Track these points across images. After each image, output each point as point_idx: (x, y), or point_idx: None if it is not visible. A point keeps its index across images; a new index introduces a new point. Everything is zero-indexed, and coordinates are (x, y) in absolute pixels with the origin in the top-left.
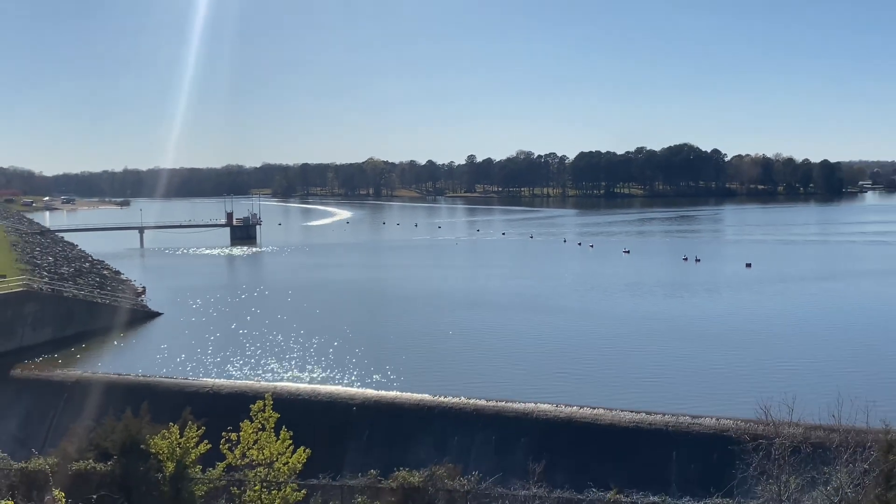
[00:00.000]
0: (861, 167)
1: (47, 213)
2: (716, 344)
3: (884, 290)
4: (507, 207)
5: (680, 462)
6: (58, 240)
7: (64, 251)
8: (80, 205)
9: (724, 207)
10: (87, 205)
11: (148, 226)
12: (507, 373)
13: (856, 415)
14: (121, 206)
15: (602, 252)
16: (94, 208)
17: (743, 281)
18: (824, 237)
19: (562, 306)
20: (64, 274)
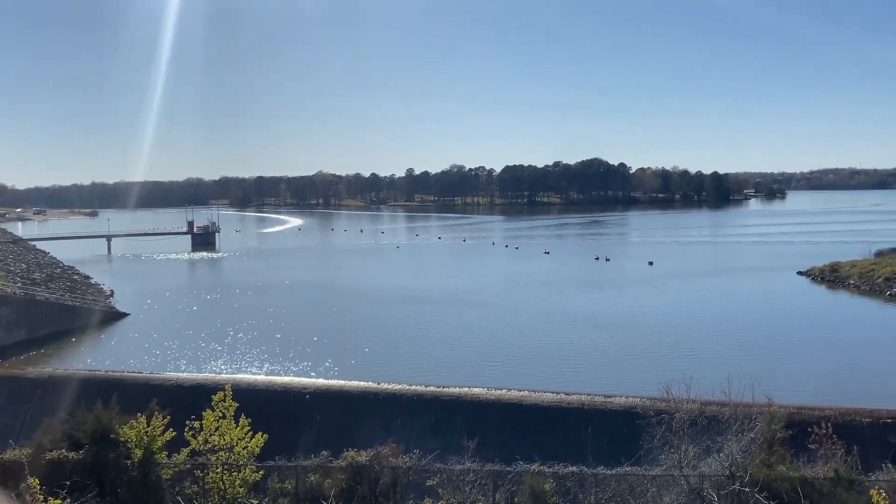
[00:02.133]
0: (746, 177)
1: (20, 223)
2: (624, 332)
3: (763, 284)
4: (443, 215)
5: (594, 436)
6: (30, 248)
7: (36, 258)
8: (51, 215)
9: (630, 213)
10: (57, 215)
11: (115, 234)
12: (443, 361)
13: (743, 391)
14: (90, 216)
15: (526, 253)
16: (64, 219)
17: (646, 277)
18: (714, 239)
19: (491, 301)
20: (36, 279)
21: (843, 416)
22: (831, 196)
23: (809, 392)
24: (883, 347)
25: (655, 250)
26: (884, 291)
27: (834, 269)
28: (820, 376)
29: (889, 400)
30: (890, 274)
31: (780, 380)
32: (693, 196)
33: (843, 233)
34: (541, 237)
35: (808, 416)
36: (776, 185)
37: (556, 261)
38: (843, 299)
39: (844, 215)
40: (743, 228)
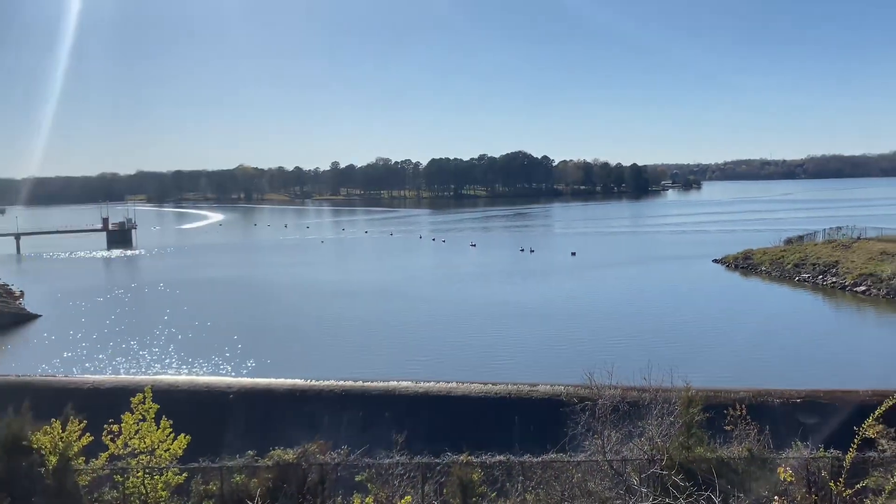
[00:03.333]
0: (663, 169)
1: None
2: (549, 322)
3: (681, 271)
4: (369, 208)
5: (521, 424)
6: None
7: None
8: None
9: (553, 205)
10: None
11: (24, 232)
12: (371, 355)
13: (662, 376)
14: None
15: (453, 246)
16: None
17: (570, 267)
18: (634, 229)
19: (418, 294)
20: None
21: (757, 397)
22: (744, 186)
23: (725, 375)
24: (792, 330)
25: (578, 241)
26: (793, 277)
27: (747, 256)
28: (735, 359)
29: (798, 380)
30: (798, 260)
31: (698, 364)
32: (613, 188)
33: (755, 221)
34: (467, 230)
35: (723, 398)
36: (692, 176)
37: (483, 253)
38: (756, 285)
39: (756, 205)
40: (661, 218)
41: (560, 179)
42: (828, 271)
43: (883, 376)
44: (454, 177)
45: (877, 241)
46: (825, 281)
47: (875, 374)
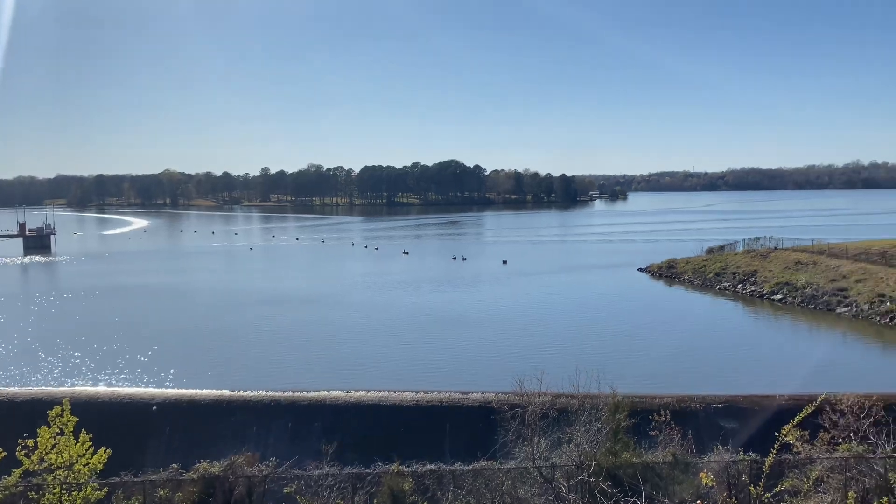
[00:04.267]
0: (591, 180)
1: None
2: (480, 329)
3: (607, 280)
4: (300, 215)
5: (452, 433)
6: None
7: None
8: None
9: (485, 214)
10: None
11: None
12: (301, 365)
13: (590, 383)
14: None
15: (385, 253)
16: None
17: (501, 275)
18: (563, 238)
19: (350, 302)
20: None
21: (680, 402)
22: (668, 197)
23: (650, 381)
24: (714, 337)
25: (509, 249)
26: (714, 286)
27: (671, 265)
28: (660, 366)
29: (720, 386)
30: (719, 269)
31: (625, 370)
32: (543, 197)
33: (678, 231)
34: (400, 237)
35: (649, 404)
36: (619, 186)
37: (415, 261)
38: (679, 293)
39: (680, 215)
40: (589, 228)
41: (492, 188)
42: (747, 280)
43: (799, 382)
44: (387, 184)
45: (792, 252)
46: (744, 289)
47: (791, 379)
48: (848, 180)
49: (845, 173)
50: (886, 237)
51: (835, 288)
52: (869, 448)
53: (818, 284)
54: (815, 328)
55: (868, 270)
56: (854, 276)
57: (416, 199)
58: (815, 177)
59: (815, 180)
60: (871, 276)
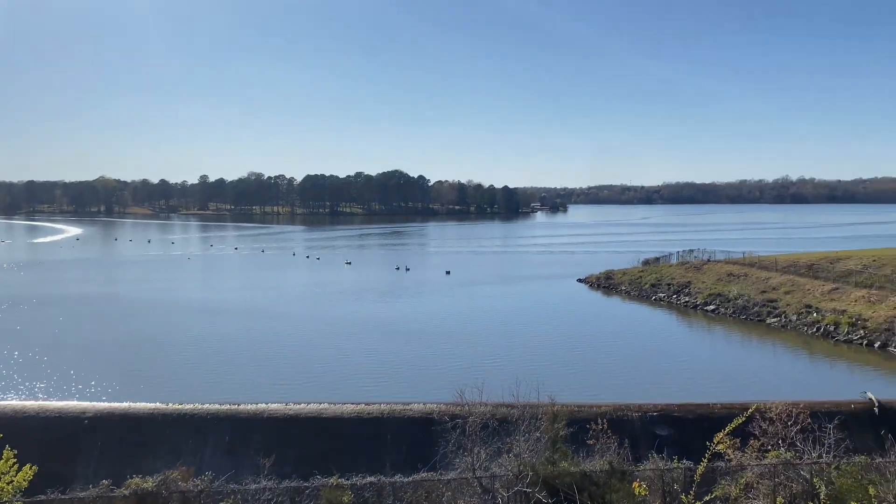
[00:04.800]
0: (533, 192)
1: None
2: (422, 340)
3: (548, 290)
4: (240, 224)
5: (394, 444)
6: None
7: None
8: None
9: (429, 224)
10: None
11: None
12: (240, 377)
13: (530, 392)
14: None
15: (327, 264)
16: None
17: (444, 286)
18: (505, 248)
19: (291, 313)
20: None
21: (617, 411)
22: (607, 210)
23: (589, 390)
24: (650, 347)
25: (452, 260)
26: (650, 296)
27: (608, 276)
28: (598, 375)
29: (656, 394)
30: (655, 281)
31: (564, 380)
32: (487, 208)
33: (616, 243)
34: (343, 248)
35: (587, 413)
36: (559, 199)
37: (358, 271)
38: (616, 304)
39: (617, 227)
40: (531, 239)
41: (436, 199)
42: (681, 291)
43: (732, 391)
44: (330, 193)
45: (724, 264)
46: (679, 300)
47: (724, 388)
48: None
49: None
50: (813, 250)
51: (765, 299)
52: (796, 454)
53: (749, 296)
54: (747, 338)
55: (796, 282)
56: (783, 288)
57: (359, 208)
58: (747, 191)
59: (747, 195)
60: (799, 287)
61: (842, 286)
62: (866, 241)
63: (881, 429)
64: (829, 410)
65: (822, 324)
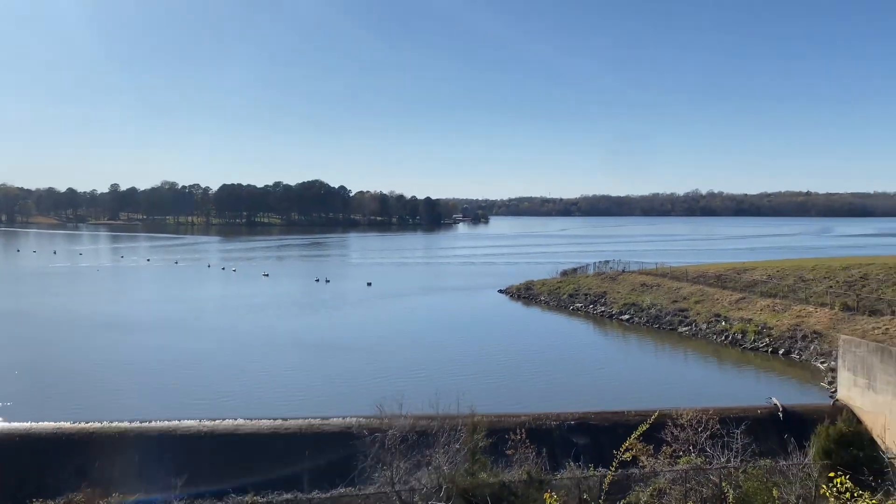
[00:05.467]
0: (454, 203)
1: None
2: (342, 353)
3: (469, 301)
4: (153, 234)
5: (312, 460)
6: None
7: None
8: None
9: (350, 235)
10: None
11: None
12: (150, 393)
13: (450, 404)
14: None
15: (244, 275)
16: None
17: (365, 298)
18: (427, 260)
19: (205, 326)
20: None
21: (536, 420)
22: (527, 221)
23: (509, 401)
24: (569, 356)
25: (374, 271)
26: (568, 306)
27: (528, 287)
28: (518, 385)
29: (573, 403)
30: (572, 291)
31: (484, 391)
32: (409, 219)
33: (536, 254)
34: (260, 259)
35: (506, 423)
36: (481, 210)
37: (276, 283)
38: (536, 314)
39: (537, 239)
40: (452, 250)
41: (357, 209)
42: (598, 301)
43: (645, 398)
44: (247, 204)
45: (638, 274)
46: (595, 310)
47: (640, 396)
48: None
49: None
50: (721, 261)
51: (676, 308)
52: (706, 460)
53: (662, 305)
54: (660, 347)
55: (705, 292)
56: (693, 298)
57: (277, 219)
58: (660, 204)
59: (660, 207)
60: (708, 297)
61: (748, 296)
62: (770, 253)
63: (785, 433)
64: (737, 416)
65: (730, 332)
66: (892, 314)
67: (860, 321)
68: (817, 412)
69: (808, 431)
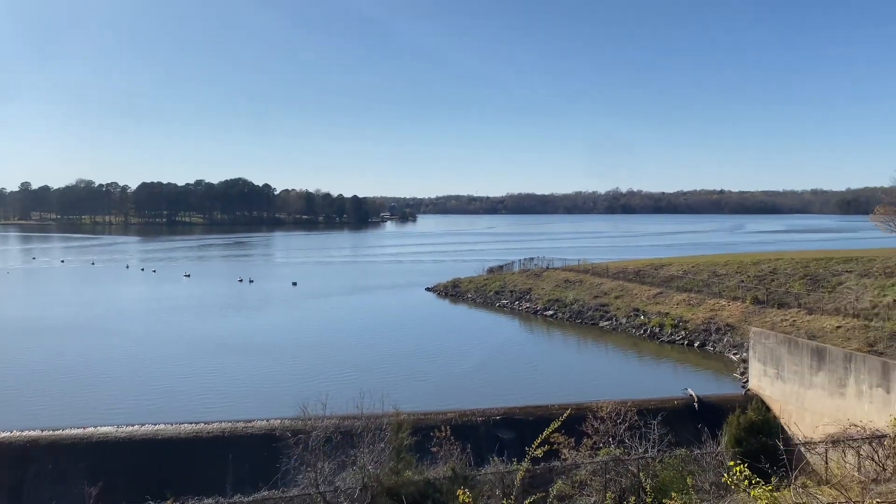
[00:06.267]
0: (382, 201)
1: None
2: (266, 354)
3: (396, 300)
4: (67, 235)
5: (235, 463)
6: None
7: None
8: None
9: (275, 234)
10: None
11: None
12: (64, 400)
13: (374, 404)
14: None
15: (164, 276)
16: None
17: (289, 297)
18: (355, 258)
19: (121, 330)
20: None
21: (462, 417)
22: (454, 219)
23: (435, 398)
24: (495, 352)
25: (299, 270)
26: (494, 303)
27: (455, 284)
28: (445, 382)
29: (499, 399)
30: (498, 288)
31: (410, 389)
32: (335, 218)
33: (463, 252)
34: (182, 259)
35: (432, 420)
36: (408, 208)
37: (198, 284)
38: (463, 311)
39: (464, 236)
40: (380, 248)
41: (282, 208)
42: (523, 297)
43: (568, 391)
44: (167, 202)
45: (562, 271)
46: (521, 306)
47: (563, 389)
48: (609, 206)
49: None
50: (640, 257)
51: (598, 304)
52: (625, 451)
53: (584, 301)
54: (583, 341)
55: (625, 287)
56: (614, 293)
57: (200, 218)
58: (582, 202)
59: (582, 205)
60: (628, 292)
61: (665, 290)
62: (686, 249)
63: (699, 423)
64: (655, 408)
65: (648, 326)
66: (800, 307)
67: (770, 314)
68: (730, 402)
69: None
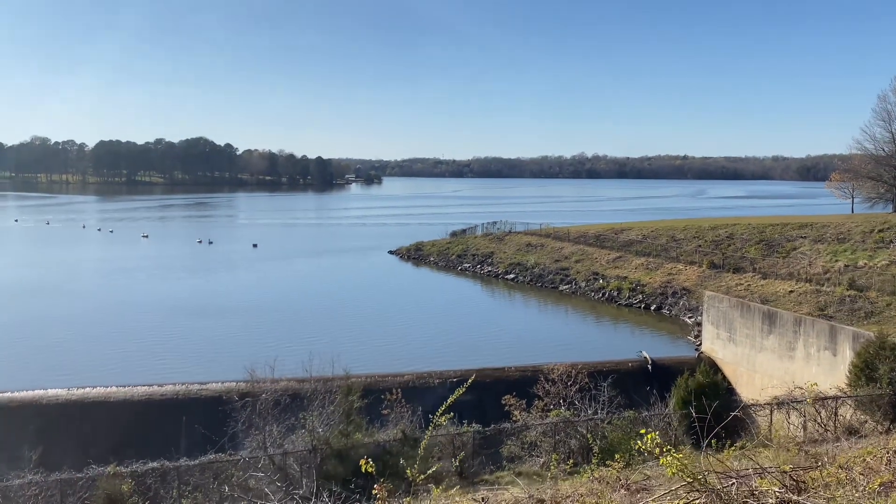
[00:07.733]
0: (347, 163)
1: None
2: (223, 318)
3: (358, 262)
4: (22, 194)
5: (188, 426)
6: None
7: None
8: None
9: (237, 195)
10: None
11: None
12: (13, 363)
13: (324, 367)
14: None
15: (122, 237)
16: None
17: (249, 260)
18: (318, 221)
19: (75, 291)
20: None
21: (419, 378)
22: (419, 183)
23: (394, 361)
24: (456, 315)
25: (261, 232)
26: (456, 267)
27: (418, 248)
28: (403, 345)
29: (458, 362)
30: (461, 251)
31: (370, 353)
32: (300, 179)
33: (427, 215)
34: (141, 220)
35: (385, 383)
36: (374, 171)
37: (156, 245)
38: (425, 274)
39: (429, 200)
40: (345, 211)
41: (245, 169)
42: (485, 261)
43: (526, 354)
44: (127, 161)
45: (524, 235)
46: (483, 270)
47: (520, 352)
48: (575, 171)
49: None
50: (602, 222)
51: (558, 268)
52: (574, 413)
53: (545, 265)
54: (543, 304)
55: (586, 252)
56: (574, 257)
57: (160, 178)
58: (548, 166)
59: (548, 170)
60: (588, 256)
61: (624, 255)
62: (647, 214)
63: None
64: (607, 370)
65: (607, 289)
66: (754, 271)
67: (725, 278)
68: (683, 364)
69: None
